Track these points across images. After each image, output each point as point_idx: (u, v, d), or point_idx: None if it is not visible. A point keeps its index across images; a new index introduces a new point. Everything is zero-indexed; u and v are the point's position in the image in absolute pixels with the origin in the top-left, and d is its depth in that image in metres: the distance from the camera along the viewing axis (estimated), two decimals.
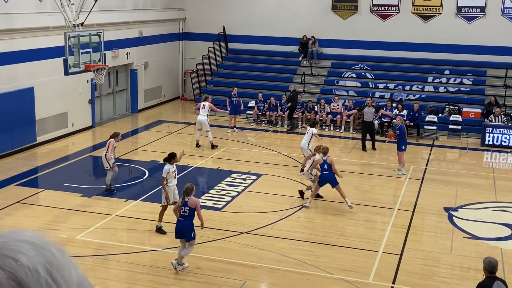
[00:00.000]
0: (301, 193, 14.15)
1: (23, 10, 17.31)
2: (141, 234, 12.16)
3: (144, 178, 15.70)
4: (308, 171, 13.98)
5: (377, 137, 20.69)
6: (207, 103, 18.60)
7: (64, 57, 15.86)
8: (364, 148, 19.03)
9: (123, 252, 11.07)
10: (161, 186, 12.15)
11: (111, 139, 14.05)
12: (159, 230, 11.98)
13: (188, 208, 10.18)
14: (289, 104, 21.69)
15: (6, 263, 0.87)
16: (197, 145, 18.45)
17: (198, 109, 18.80)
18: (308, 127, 16.24)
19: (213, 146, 18.36)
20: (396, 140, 16.53)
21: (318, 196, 13.96)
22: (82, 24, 16.71)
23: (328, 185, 13.61)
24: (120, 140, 14.71)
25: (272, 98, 22.12)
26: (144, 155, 17.74)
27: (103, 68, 17.14)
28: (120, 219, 12.76)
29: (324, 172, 13.44)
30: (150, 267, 10.58)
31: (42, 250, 0.91)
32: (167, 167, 11.91)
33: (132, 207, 13.47)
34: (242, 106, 21.63)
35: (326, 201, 14.22)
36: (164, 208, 12.03)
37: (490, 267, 7.35)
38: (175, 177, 12.07)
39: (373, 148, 19.14)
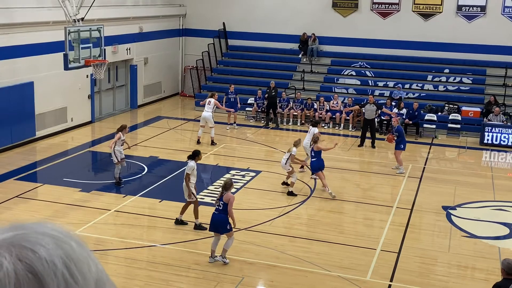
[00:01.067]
0: (285, 183, 14.59)
1: (23, 5, 17.29)
2: (140, 229, 12.17)
3: (143, 173, 15.71)
4: (286, 164, 14.17)
5: (377, 135, 20.70)
6: (212, 100, 18.53)
7: (64, 52, 15.86)
8: (362, 144, 19.08)
9: (121, 248, 11.09)
10: (158, 182, 12.16)
11: (118, 133, 14.15)
12: (199, 227, 11.88)
13: (222, 202, 10.35)
14: (266, 100, 21.64)
15: (24, 254, 0.86)
16: (198, 142, 18.44)
17: (204, 105, 18.75)
18: (310, 127, 16.22)
19: (213, 143, 18.36)
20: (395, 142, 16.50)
21: (291, 194, 14.04)
22: (82, 19, 16.70)
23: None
24: (128, 132, 14.78)
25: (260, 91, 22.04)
26: (143, 151, 17.74)
27: (103, 64, 17.14)
28: (118, 214, 12.78)
29: (312, 160, 14.16)
30: (148, 262, 10.60)
31: (61, 243, 0.90)
32: (193, 164, 11.91)
33: (130, 203, 13.48)
34: (239, 103, 21.60)
35: (324, 198, 14.23)
36: (197, 204, 11.95)
37: (509, 269, 7.38)
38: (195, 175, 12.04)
39: (373, 146, 19.16)
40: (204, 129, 18.59)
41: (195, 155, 12.03)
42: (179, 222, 12.15)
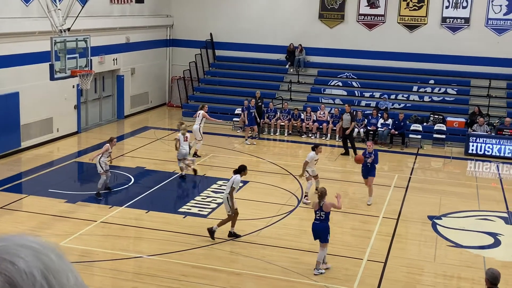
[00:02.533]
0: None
1: (9, 15, 17.21)
2: (126, 240, 12.10)
3: (129, 184, 15.63)
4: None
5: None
6: (201, 112, 18.44)
7: (50, 62, 15.79)
8: (346, 153, 19.26)
9: (107, 259, 11.01)
10: (147, 192, 12.10)
11: (106, 144, 14.22)
12: (235, 235, 12.03)
13: (324, 212, 10.71)
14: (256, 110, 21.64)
15: (3, 266, 0.88)
16: (194, 154, 18.09)
17: (196, 118, 18.67)
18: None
19: (195, 155, 18.01)
20: (366, 165, 14.57)
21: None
22: (68, 29, 16.64)
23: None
24: (115, 144, 14.79)
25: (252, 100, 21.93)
26: (129, 161, 17.67)
27: (89, 74, 17.08)
28: (104, 225, 12.69)
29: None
30: (134, 274, 10.53)
31: (40, 255, 0.92)
32: (239, 178, 12.00)
33: (117, 214, 13.40)
34: (258, 118, 21.09)
35: (311, 208, 14.24)
36: (236, 214, 11.98)
37: (493, 279, 7.44)
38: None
39: (355, 154, 19.20)
40: (196, 141, 18.38)
41: (241, 170, 12.13)
42: (232, 235, 12.12)
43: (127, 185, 15.51)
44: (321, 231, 10.70)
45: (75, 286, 0.94)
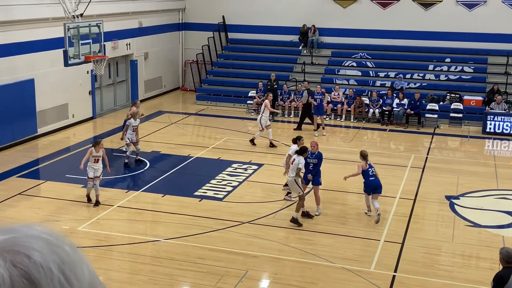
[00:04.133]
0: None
1: (22, 2, 17.22)
2: (143, 224, 12.18)
3: (145, 168, 15.70)
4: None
5: (377, 125, 20.72)
6: (265, 102, 17.86)
7: (64, 49, 15.82)
8: (299, 127, 19.52)
9: (125, 243, 11.10)
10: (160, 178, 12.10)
11: (91, 148, 13.32)
12: (308, 214, 12.29)
13: (373, 169, 12.49)
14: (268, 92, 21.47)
15: (19, 259, 0.84)
16: (271, 145, 17.61)
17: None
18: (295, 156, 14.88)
19: (272, 145, 17.53)
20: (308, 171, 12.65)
21: None
22: (81, 15, 16.64)
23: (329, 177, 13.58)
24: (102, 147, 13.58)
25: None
26: (145, 146, 17.71)
27: (103, 59, 17.10)
28: (121, 209, 12.78)
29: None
30: (152, 257, 10.60)
31: (54, 247, 0.88)
32: (303, 159, 12.05)
33: (133, 198, 13.48)
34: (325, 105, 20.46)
35: (327, 190, 14.22)
36: (303, 198, 12.09)
37: (508, 257, 7.36)
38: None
39: (317, 128, 19.41)
40: (263, 133, 17.72)
41: (303, 151, 12.19)
42: (306, 214, 12.33)
43: (143, 170, 15.58)
44: (378, 184, 12.33)
45: (88, 277, 0.90)
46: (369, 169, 12.46)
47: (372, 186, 12.38)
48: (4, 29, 16.58)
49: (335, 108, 21.72)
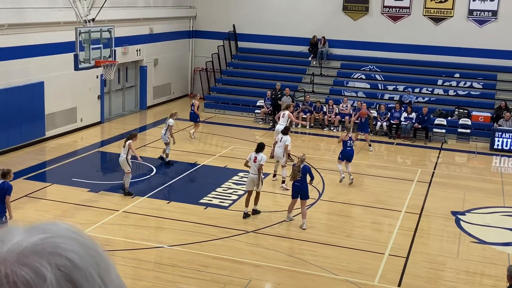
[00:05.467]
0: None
1: (35, 5, 17.39)
2: (147, 230, 12.19)
3: (151, 174, 15.73)
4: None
5: (385, 139, 20.69)
6: (287, 112, 17.42)
7: (74, 53, 15.92)
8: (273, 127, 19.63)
9: (129, 248, 11.11)
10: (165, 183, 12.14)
11: (129, 141, 13.77)
12: (257, 212, 12.97)
13: (352, 141, 14.74)
14: (273, 102, 21.53)
15: (61, 262, 0.83)
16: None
17: (279, 118, 17.64)
18: (280, 135, 15.30)
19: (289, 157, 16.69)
20: (299, 184, 12.24)
21: None
22: (93, 20, 16.77)
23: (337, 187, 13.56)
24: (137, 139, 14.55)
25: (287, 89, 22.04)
26: (152, 152, 17.77)
27: (113, 64, 17.20)
28: (127, 215, 12.80)
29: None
30: (155, 263, 10.60)
31: (90, 250, 0.88)
32: (265, 156, 12.86)
33: (139, 204, 13.50)
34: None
35: (332, 201, 14.20)
36: (259, 193, 12.87)
37: None
38: None
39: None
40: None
41: (262, 148, 12.94)
42: (256, 212, 12.96)
43: (149, 176, 15.60)
44: (352, 154, 14.78)
45: (117, 280, 0.91)
46: (348, 141, 15.01)
47: (347, 155, 15.07)
48: (17, 32, 16.72)
49: (343, 120, 21.72)
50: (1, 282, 0.79)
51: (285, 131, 15.29)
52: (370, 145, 19.03)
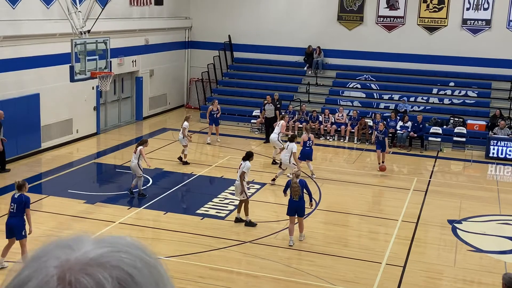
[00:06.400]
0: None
1: (30, 17, 17.42)
2: (144, 241, 11.97)
3: (148, 185, 15.70)
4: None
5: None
6: (281, 122, 17.97)
7: (70, 64, 15.94)
8: (267, 140, 19.90)
9: None
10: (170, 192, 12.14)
11: (140, 147, 14.47)
12: (250, 224, 12.64)
13: (311, 141, 16.18)
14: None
15: (123, 278, 0.86)
16: (273, 162, 17.80)
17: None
18: (288, 143, 15.70)
19: (274, 162, 17.67)
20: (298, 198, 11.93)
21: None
22: (88, 31, 16.80)
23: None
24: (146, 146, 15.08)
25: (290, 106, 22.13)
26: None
27: (108, 76, 17.21)
28: (123, 226, 12.76)
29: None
30: None
31: (151, 268, 0.91)
32: (250, 164, 12.78)
33: (135, 215, 13.47)
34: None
35: (330, 211, 14.19)
36: (247, 202, 12.72)
37: (511, 283, 7.33)
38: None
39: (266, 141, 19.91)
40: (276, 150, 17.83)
41: (249, 156, 12.91)
42: (239, 220, 12.88)
43: (145, 187, 15.57)
44: (311, 153, 16.31)
45: None
46: (308, 141, 16.29)
47: (306, 154, 16.32)
48: (12, 44, 16.73)
49: (339, 129, 21.77)
50: None
51: (291, 139, 15.62)
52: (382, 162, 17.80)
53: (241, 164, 12.95)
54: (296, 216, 11.89)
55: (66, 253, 0.89)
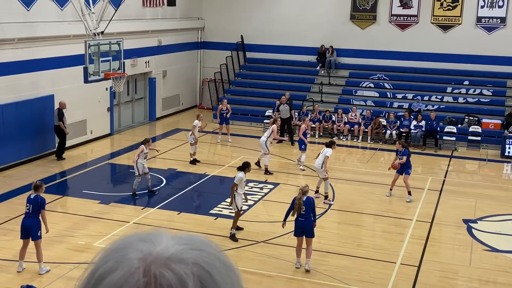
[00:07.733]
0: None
1: (44, 19, 17.57)
2: None
3: (161, 186, 15.76)
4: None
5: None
6: (274, 126, 17.65)
7: (84, 65, 16.05)
8: (292, 142, 20.06)
9: None
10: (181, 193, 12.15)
11: (141, 145, 14.55)
12: (233, 237, 12.07)
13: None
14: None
15: (204, 276, 0.87)
16: (257, 163, 17.23)
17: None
18: (324, 148, 15.09)
19: (266, 172, 16.90)
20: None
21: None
22: (102, 32, 16.90)
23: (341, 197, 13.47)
24: (151, 145, 15.25)
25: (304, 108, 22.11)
26: (161, 163, 17.81)
27: (122, 77, 17.30)
28: (137, 226, 12.81)
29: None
30: None
31: (228, 269, 0.92)
32: (242, 175, 12.14)
33: (149, 215, 13.52)
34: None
35: (343, 211, 14.14)
36: (238, 215, 12.19)
37: None
38: (244, 186, 12.39)
39: (292, 143, 19.86)
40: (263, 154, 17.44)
41: (244, 167, 12.29)
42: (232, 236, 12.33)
43: (159, 187, 15.63)
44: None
45: None
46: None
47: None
48: (27, 46, 16.88)
49: (352, 129, 21.69)
50: (150, 281, 0.84)
51: (329, 144, 14.76)
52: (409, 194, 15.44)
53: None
54: (303, 237, 10.85)
55: (147, 246, 0.89)
